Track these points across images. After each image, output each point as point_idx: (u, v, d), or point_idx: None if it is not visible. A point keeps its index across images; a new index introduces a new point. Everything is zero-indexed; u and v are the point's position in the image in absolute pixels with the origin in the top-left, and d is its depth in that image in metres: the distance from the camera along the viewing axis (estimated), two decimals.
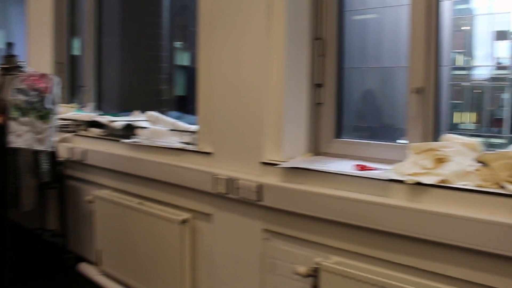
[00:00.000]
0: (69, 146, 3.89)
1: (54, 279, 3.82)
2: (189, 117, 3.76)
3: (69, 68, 4.73)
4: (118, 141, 3.51)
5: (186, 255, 2.95)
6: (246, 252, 2.65)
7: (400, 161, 2.12)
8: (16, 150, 2.99)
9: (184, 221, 2.93)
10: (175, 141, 3.10)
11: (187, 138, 3.11)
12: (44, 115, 3.04)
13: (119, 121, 3.55)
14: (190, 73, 4.72)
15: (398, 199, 2.00)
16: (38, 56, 4.62)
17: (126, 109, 4.50)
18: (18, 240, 3.41)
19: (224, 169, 2.70)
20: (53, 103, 3.08)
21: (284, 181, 2.41)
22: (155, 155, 3.17)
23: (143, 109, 3.96)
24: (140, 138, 3.33)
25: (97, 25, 4.46)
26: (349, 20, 2.62)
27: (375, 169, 2.20)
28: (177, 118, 3.72)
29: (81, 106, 4.44)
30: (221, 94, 2.72)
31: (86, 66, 4.42)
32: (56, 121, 3.10)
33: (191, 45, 4.68)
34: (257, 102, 2.54)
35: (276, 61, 2.49)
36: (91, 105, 4.29)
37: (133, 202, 3.30)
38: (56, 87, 3.08)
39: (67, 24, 4.69)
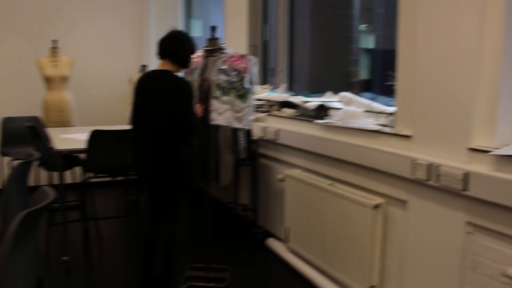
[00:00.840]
0: (262, 126, 4.02)
1: (243, 251, 4.02)
2: (383, 98, 3.60)
3: (262, 51, 4.88)
4: (310, 121, 3.51)
5: (376, 241, 2.84)
6: (444, 244, 2.44)
7: None
8: (217, 128, 3.14)
9: (377, 206, 2.81)
10: (370, 123, 2.98)
11: (383, 120, 2.96)
12: (243, 94, 3.16)
13: (312, 102, 3.54)
14: (375, 56, 4.55)
15: None
16: (234, 40, 4.85)
17: (316, 91, 4.51)
18: (214, 212, 3.64)
19: (424, 154, 2.51)
20: (251, 82, 3.18)
21: (497, 170, 2.14)
22: (348, 136, 3.10)
23: (332, 91, 3.91)
24: (334, 119, 3.28)
25: (290, 9, 4.51)
26: None
27: None
28: (371, 100, 3.58)
29: (274, 87, 4.56)
30: (423, 73, 2.51)
31: (279, 49, 4.50)
32: (253, 101, 3.20)
33: (376, 28, 4.50)
34: (466, 80, 2.29)
35: (492, 32, 2.20)
36: (283, 86, 4.37)
37: (324, 183, 3.27)
38: (254, 67, 3.17)
39: (261, 10, 4.83)
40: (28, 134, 4.27)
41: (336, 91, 3.86)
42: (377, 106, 3.13)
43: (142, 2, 6.45)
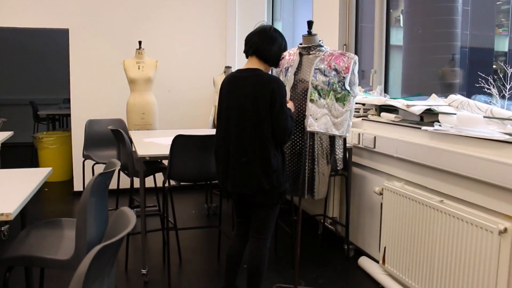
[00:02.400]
0: (357, 132, 3.65)
1: (333, 270, 3.66)
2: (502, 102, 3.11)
3: (355, 51, 4.50)
4: (416, 128, 3.10)
5: (503, 272, 2.37)
6: None
7: None
8: (313, 135, 2.81)
9: (503, 231, 2.35)
10: (494, 131, 2.52)
11: (510, 128, 2.49)
12: (342, 97, 2.80)
13: (418, 106, 3.12)
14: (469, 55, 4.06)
15: None
16: (324, 39, 4.49)
17: (412, 92, 4.08)
18: (301, 223, 3.32)
19: None
20: (352, 84, 2.82)
21: None
22: (465, 146, 2.66)
23: (427, 93, 3.48)
24: (445, 125, 2.84)
25: (386, 9, 4.10)
26: None
27: None
28: (485, 103, 3.10)
29: (367, 89, 4.16)
30: None
31: (375, 47, 4.10)
32: (353, 105, 2.83)
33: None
34: None
35: None
36: (379, 88, 3.96)
37: (432, 199, 2.84)
38: (355, 67, 2.81)
39: (355, 8, 4.45)
40: (111, 137, 4.16)
41: (432, 93, 3.45)
42: (502, 111, 2.66)
43: (226, 3, 6.26)
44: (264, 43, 2.57)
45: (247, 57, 2.68)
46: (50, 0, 5.70)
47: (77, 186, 5.92)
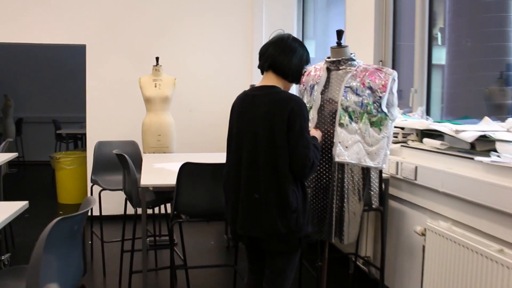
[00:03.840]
0: (395, 160, 3.14)
1: None
2: None
3: (391, 68, 4.01)
4: (467, 158, 2.59)
5: None
6: None
7: None
8: (342, 166, 2.33)
9: None
10: None
11: None
12: (378, 121, 2.33)
13: (469, 131, 2.61)
14: None
15: None
16: (357, 54, 4.04)
17: (455, 115, 3.57)
18: (328, 264, 2.84)
19: None
20: (390, 105, 2.34)
21: None
22: None
23: (474, 115, 2.98)
24: (505, 156, 2.33)
25: (428, 17, 3.61)
26: None
27: None
28: None
29: (406, 111, 3.66)
30: None
31: (415, 64, 3.61)
32: (392, 130, 2.35)
33: None
34: None
35: None
36: (420, 110, 3.46)
37: (489, 247, 2.31)
38: (394, 84, 2.34)
39: (391, 20, 3.99)
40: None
41: (480, 115, 2.94)
42: None
43: (254, 18, 5.86)
44: (282, 54, 2.13)
45: (262, 72, 2.25)
46: (67, 16, 5.44)
47: (96, 210, 5.56)
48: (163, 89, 4.69)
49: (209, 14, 5.78)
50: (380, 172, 2.53)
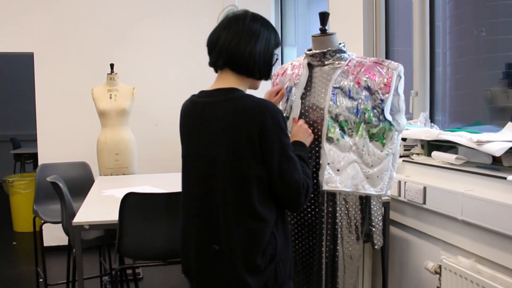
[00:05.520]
0: (397, 178, 2.54)
1: None
2: None
3: None
4: (492, 176, 1.99)
5: None
6: None
7: None
8: (333, 196, 1.70)
9: None
10: None
11: None
12: (380, 132, 1.71)
13: (495, 142, 2.01)
14: None
15: None
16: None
17: (460, 120, 3.01)
18: None
19: None
20: (395, 111, 1.73)
21: None
22: None
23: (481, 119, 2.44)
24: None
25: (429, 7, 3.05)
26: None
27: None
28: None
29: (407, 117, 3.06)
30: None
31: (414, 63, 3.03)
32: (398, 144, 1.74)
33: None
34: None
35: None
36: (422, 116, 2.87)
37: None
38: (400, 82, 1.73)
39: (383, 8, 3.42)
40: (71, 187, 3.14)
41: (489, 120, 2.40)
42: None
43: (221, 14, 5.23)
44: (241, 42, 1.51)
45: (216, 70, 1.62)
46: (13, 22, 4.77)
47: (47, 240, 4.85)
48: (120, 101, 4.04)
49: (171, 15, 5.14)
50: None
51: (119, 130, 4.04)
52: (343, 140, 1.68)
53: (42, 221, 3.28)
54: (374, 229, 1.74)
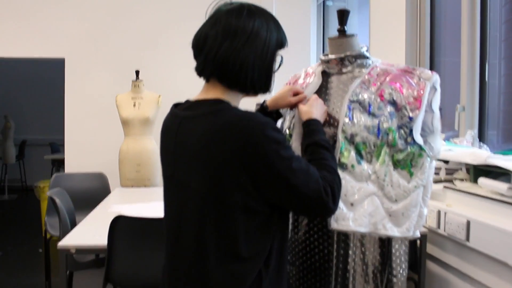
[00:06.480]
0: (436, 207, 2.16)
1: None
2: None
3: None
4: None
5: None
6: None
7: None
8: (347, 236, 1.37)
9: None
10: None
11: None
12: (408, 159, 1.36)
13: None
14: None
15: None
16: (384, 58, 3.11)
17: None
18: None
19: None
20: (428, 132, 1.39)
21: None
22: None
23: None
24: None
25: (480, 12, 2.66)
26: None
27: None
28: None
29: (452, 135, 2.68)
30: None
31: (462, 73, 2.64)
32: (431, 174, 1.38)
33: None
34: None
35: None
36: (470, 134, 2.47)
37: None
38: (435, 95, 1.39)
39: (428, 14, 3.05)
40: (87, 199, 2.95)
41: None
42: None
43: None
44: (231, 45, 1.21)
45: (204, 78, 1.33)
46: (44, 27, 4.69)
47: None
48: (144, 109, 3.83)
49: (199, 22, 4.86)
50: (413, 243, 1.56)
51: (142, 140, 3.83)
52: (360, 167, 1.35)
53: (49, 236, 3.10)
54: (395, 280, 1.39)
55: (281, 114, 1.55)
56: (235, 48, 1.20)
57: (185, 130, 1.23)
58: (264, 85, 1.27)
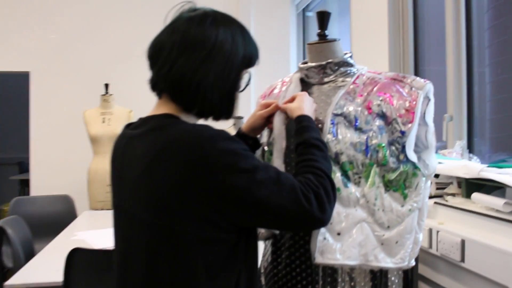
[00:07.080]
0: (428, 225, 2.01)
1: None
2: None
3: None
4: None
5: None
6: None
7: None
8: (334, 271, 1.20)
9: None
10: None
11: None
12: (400, 179, 1.19)
13: None
14: None
15: None
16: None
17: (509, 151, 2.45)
18: None
19: None
20: (422, 147, 1.22)
21: None
22: None
23: None
24: None
25: (466, 18, 2.55)
26: None
27: None
28: None
29: (439, 146, 2.54)
30: None
31: (448, 81, 2.51)
32: (427, 195, 1.22)
33: None
34: None
35: None
36: (459, 145, 2.33)
37: None
38: (429, 105, 1.23)
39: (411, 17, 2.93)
40: (50, 224, 2.72)
41: None
42: None
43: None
44: (188, 60, 1.04)
45: (157, 94, 1.16)
46: (8, 40, 4.45)
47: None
48: (114, 125, 3.63)
49: None
50: (407, 273, 1.39)
51: None
52: (347, 191, 1.17)
53: (6, 269, 2.84)
54: None
55: (259, 143, 1.36)
56: (192, 64, 1.03)
57: (130, 151, 1.07)
58: (226, 110, 1.10)
